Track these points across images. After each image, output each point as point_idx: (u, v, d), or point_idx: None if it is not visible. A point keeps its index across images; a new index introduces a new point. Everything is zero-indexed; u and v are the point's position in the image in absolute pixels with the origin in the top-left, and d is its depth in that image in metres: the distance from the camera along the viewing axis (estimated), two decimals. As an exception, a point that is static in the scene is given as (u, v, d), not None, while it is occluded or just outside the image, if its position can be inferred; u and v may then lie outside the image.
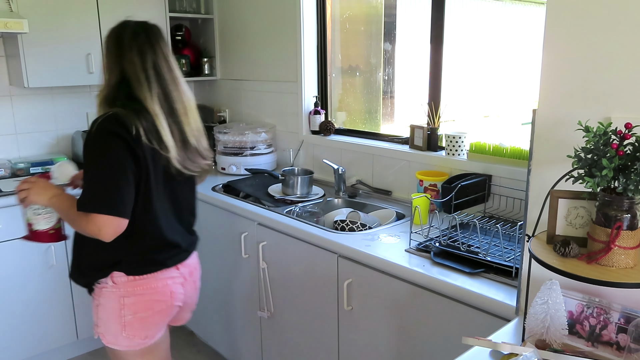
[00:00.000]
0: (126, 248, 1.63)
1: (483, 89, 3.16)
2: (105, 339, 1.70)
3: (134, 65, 1.64)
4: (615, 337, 1.10)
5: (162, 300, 1.69)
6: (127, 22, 1.79)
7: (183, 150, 1.68)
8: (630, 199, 0.99)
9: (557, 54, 1.18)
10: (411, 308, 1.66)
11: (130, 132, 1.52)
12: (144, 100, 1.60)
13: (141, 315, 1.66)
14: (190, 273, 1.83)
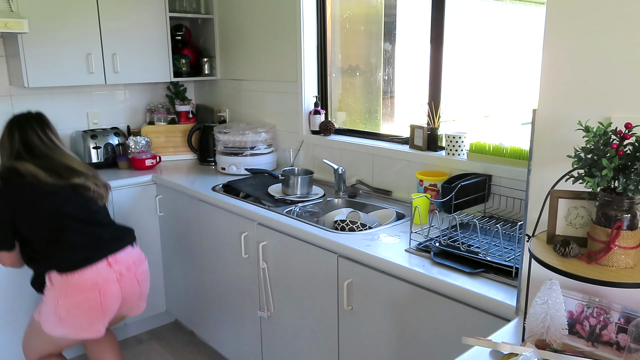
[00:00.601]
0: (49, 255, 2.08)
1: (483, 89, 3.16)
2: (44, 325, 2.08)
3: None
4: (615, 337, 1.10)
5: (92, 297, 2.05)
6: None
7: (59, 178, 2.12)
8: (630, 199, 0.99)
9: (557, 54, 1.18)
10: (411, 308, 1.66)
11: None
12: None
13: (73, 312, 2.04)
14: (128, 268, 2.17)
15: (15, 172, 2.05)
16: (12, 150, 2.13)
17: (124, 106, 3.45)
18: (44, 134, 2.17)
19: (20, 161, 2.09)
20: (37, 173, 2.04)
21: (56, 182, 2.07)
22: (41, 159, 2.11)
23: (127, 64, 3.08)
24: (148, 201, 2.98)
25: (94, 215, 2.17)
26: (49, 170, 2.08)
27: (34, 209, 2.04)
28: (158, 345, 3.06)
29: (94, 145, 3.10)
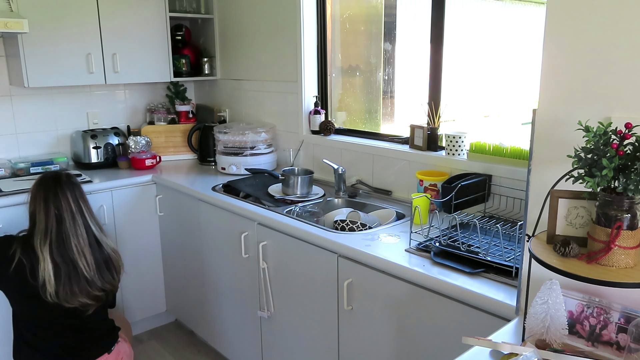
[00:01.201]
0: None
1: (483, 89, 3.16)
2: None
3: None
4: (615, 337, 1.10)
5: None
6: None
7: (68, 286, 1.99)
8: (630, 199, 0.99)
9: (557, 53, 1.18)
10: (411, 308, 1.66)
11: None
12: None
13: None
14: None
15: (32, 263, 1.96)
16: (44, 226, 1.99)
17: (124, 106, 3.45)
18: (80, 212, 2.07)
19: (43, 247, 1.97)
20: (50, 288, 1.94)
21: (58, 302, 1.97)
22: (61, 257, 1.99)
23: (127, 64, 3.08)
24: (148, 201, 2.98)
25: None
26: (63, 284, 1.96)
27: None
28: (158, 345, 3.06)
29: (94, 145, 3.10)
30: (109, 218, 2.85)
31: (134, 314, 3.05)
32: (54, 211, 2.00)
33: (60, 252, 1.98)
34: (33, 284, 1.95)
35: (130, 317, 3.04)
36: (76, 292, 1.98)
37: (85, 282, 2.01)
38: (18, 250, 1.97)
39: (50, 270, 1.94)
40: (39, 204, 2.02)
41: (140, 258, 3.02)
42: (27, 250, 1.98)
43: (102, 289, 2.06)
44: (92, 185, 2.78)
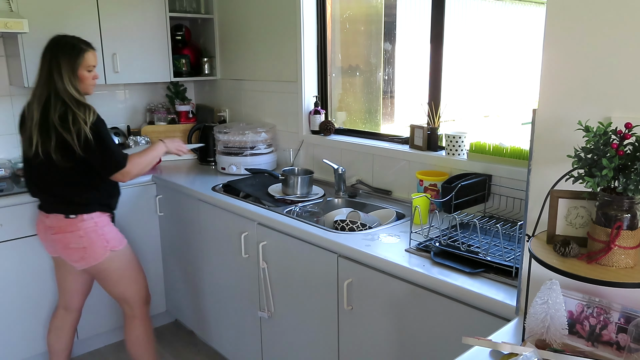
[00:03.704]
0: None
1: (483, 89, 3.16)
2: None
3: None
4: (615, 337, 1.10)
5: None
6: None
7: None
8: (630, 199, 0.99)
9: (557, 53, 1.18)
10: (411, 308, 1.66)
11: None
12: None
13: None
14: (39, 221, 2.34)
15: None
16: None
17: (124, 106, 3.45)
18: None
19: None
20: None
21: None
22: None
23: (127, 64, 3.08)
24: (148, 201, 2.98)
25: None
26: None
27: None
28: (158, 345, 3.06)
29: (94, 145, 3.10)
30: (109, 218, 2.84)
31: (134, 314, 3.05)
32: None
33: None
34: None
35: (130, 317, 3.04)
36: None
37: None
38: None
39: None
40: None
41: (140, 258, 3.01)
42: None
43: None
44: (92, 185, 2.78)
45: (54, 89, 2.13)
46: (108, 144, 2.18)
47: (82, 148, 2.11)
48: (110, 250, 2.30)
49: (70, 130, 2.09)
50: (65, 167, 2.16)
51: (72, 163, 2.16)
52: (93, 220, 2.26)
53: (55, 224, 2.25)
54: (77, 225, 2.23)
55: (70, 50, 2.18)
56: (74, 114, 2.10)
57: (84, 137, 2.10)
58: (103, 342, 3.03)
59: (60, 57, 2.15)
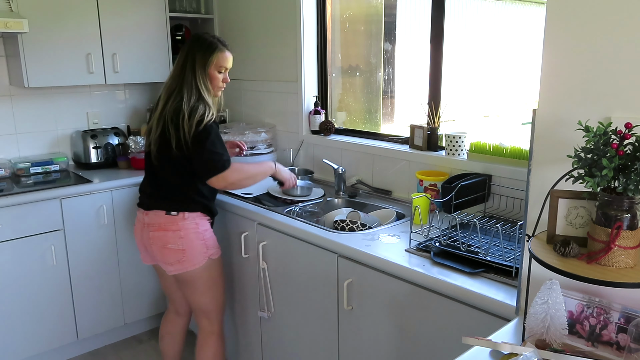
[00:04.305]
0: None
1: (483, 89, 3.16)
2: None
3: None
4: (615, 337, 1.10)
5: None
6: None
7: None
8: (630, 199, 0.99)
9: (557, 53, 1.18)
10: (411, 308, 1.66)
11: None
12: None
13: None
14: (138, 220, 2.29)
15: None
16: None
17: (124, 106, 3.45)
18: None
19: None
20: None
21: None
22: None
23: (127, 64, 3.08)
24: (148, 201, 2.98)
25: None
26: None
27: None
28: (158, 345, 3.05)
29: (94, 145, 3.10)
30: (109, 218, 2.85)
31: (134, 314, 3.05)
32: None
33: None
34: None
35: (131, 317, 3.04)
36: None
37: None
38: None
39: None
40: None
41: (140, 258, 3.01)
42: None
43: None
44: (92, 185, 2.78)
45: (182, 82, 2.11)
46: (215, 145, 2.05)
47: (190, 144, 2.02)
48: (209, 258, 2.19)
49: (181, 124, 2.02)
50: (174, 161, 2.08)
51: (180, 157, 2.07)
52: (195, 221, 2.15)
53: (155, 220, 2.16)
54: (178, 223, 2.13)
55: (207, 47, 2.13)
56: (192, 110, 2.03)
57: (192, 134, 2.01)
58: (103, 342, 3.03)
59: (195, 52, 2.12)
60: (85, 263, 2.80)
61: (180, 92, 2.09)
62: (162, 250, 2.15)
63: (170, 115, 2.05)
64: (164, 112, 2.09)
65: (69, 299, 2.78)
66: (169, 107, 2.07)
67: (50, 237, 2.67)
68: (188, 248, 2.13)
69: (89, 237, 2.79)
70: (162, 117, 2.09)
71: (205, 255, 2.17)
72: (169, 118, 2.06)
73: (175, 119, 2.04)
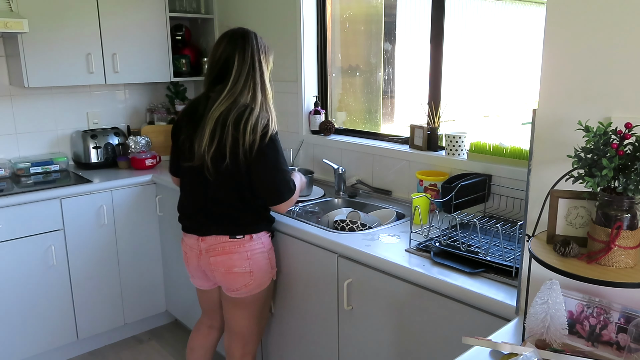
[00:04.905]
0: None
1: (483, 89, 3.16)
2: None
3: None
4: (615, 337, 1.10)
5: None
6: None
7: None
8: (630, 199, 0.99)
9: (557, 53, 1.18)
10: (411, 308, 1.66)
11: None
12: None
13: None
14: (190, 248, 2.06)
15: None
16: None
17: (124, 106, 3.45)
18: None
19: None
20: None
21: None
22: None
23: (127, 64, 3.08)
24: (148, 201, 2.98)
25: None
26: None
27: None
28: (158, 345, 3.06)
29: (94, 145, 3.10)
30: (109, 218, 2.85)
31: (134, 314, 3.06)
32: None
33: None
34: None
35: (131, 317, 3.04)
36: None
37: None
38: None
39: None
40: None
41: (140, 258, 3.02)
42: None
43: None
44: (92, 185, 2.78)
45: (253, 86, 1.89)
46: (283, 162, 1.89)
47: (253, 160, 1.83)
48: (272, 279, 2.06)
49: (241, 134, 1.81)
50: (232, 177, 1.87)
51: (240, 172, 1.86)
52: (261, 241, 1.98)
53: (217, 245, 1.94)
54: (244, 245, 1.94)
55: (265, 48, 1.98)
56: (250, 116, 1.83)
57: (256, 148, 1.82)
58: (103, 342, 3.04)
59: (261, 54, 1.93)
60: (85, 263, 2.80)
61: (244, 95, 1.88)
62: (226, 275, 1.97)
63: (233, 122, 1.83)
64: (221, 116, 1.84)
65: (69, 299, 2.78)
66: (232, 112, 1.84)
67: (50, 237, 2.67)
68: (255, 269, 1.97)
69: (89, 237, 2.79)
70: (219, 122, 1.84)
71: (270, 276, 2.05)
72: (230, 125, 1.82)
73: (236, 126, 1.82)
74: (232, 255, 1.94)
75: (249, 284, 1.98)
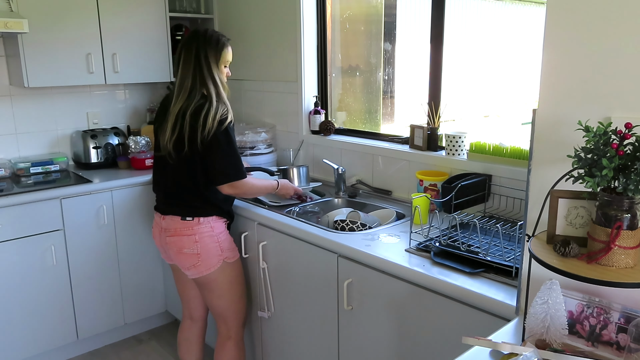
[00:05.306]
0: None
1: (483, 89, 3.17)
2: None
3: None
4: (615, 337, 1.10)
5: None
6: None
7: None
8: (630, 199, 0.99)
9: (557, 53, 1.18)
10: (411, 308, 1.66)
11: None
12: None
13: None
14: (156, 224, 2.26)
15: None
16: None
17: (124, 106, 3.45)
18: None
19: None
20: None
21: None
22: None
23: (127, 64, 3.08)
24: (148, 201, 2.98)
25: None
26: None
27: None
28: (158, 345, 3.06)
29: (94, 145, 3.10)
30: (109, 218, 2.85)
31: (134, 314, 3.06)
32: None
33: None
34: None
35: (131, 317, 3.04)
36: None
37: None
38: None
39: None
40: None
41: (140, 258, 3.02)
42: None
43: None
44: (92, 185, 2.78)
45: (198, 80, 2.05)
46: (235, 150, 2.06)
47: (206, 146, 2.00)
48: (224, 260, 2.17)
49: (200, 125, 1.98)
50: (189, 162, 2.05)
51: (196, 158, 2.04)
52: (209, 225, 2.13)
53: (171, 226, 2.14)
54: (192, 228, 2.11)
55: (215, 43, 2.10)
56: (209, 109, 2.00)
57: (212, 135, 1.98)
58: (103, 342, 3.03)
59: (206, 49, 2.07)
60: (85, 263, 2.80)
61: (197, 90, 2.05)
62: (178, 255, 2.16)
63: (191, 114, 2.00)
64: (180, 111, 2.03)
65: (69, 299, 2.78)
66: (191, 106, 2.01)
67: (50, 237, 2.67)
68: (202, 252, 2.12)
69: (89, 237, 2.79)
70: (179, 116, 2.03)
71: (220, 258, 2.16)
72: (188, 117, 2.00)
73: (195, 117, 1.99)
74: (182, 237, 2.13)
75: (197, 265, 2.13)
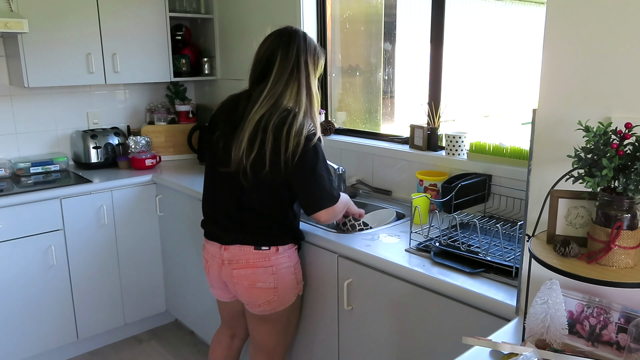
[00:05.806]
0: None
1: (483, 89, 3.17)
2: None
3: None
4: (615, 337, 1.10)
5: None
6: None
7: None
8: (630, 199, 0.99)
9: (557, 53, 1.18)
10: (411, 308, 1.66)
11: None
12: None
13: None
14: (212, 256, 1.95)
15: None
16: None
17: (124, 106, 3.45)
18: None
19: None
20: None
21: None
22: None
23: (127, 64, 3.08)
24: (148, 201, 2.98)
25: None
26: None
27: None
28: (158, 345, 3.06)
29: (94, 145, 3.10)
30: (109, 218, 2.85)
31: (134, 314, 3.06)
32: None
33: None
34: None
35: (131, 317, 3.04)
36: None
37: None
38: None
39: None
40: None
41: (140, 258, 3.02)
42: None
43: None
44: (92, 185, 2.78)
45: (296, 89, 1.78)
46: (328, 171, 1.76)
47: (295, 165, 1.69)
48: (297, 294, 1.93)
49: (284, 140, 1.68)
50: (271, 183, 1.75)
51: (278, 179, 1.74)
52: (287, 254, 1.85)
53: (240, 257, 1.82)
54: (270, 259, 1.81)
55: (314, 50, 1.86)
56: (293, 122, 1.70)
57: (300, 153, 1.68)
58: (103, 342, 3.04)
59: (307, 55, 1.82)
60: (85, 263, 2.80)
61: (286, 98, 1.77)
62: (249, 290, 1.84)
63: (275, 127, 1.70)
64: (262, 120, 1.72)
65: (69, 299, 2.78)
66: (274, 117, 1.72)
67: (50, 237, 2.67)
68: (280, 285, 1.84)
69: (89, 237, 2.80)
70: (259, 126, 1.72)
71: (295, 292, 1.92)
72: (271, 131, 1.70)
73: (279, 132, 1.70)
74: (256, 270, 1.82)
75: (272, 301, 1.85)
